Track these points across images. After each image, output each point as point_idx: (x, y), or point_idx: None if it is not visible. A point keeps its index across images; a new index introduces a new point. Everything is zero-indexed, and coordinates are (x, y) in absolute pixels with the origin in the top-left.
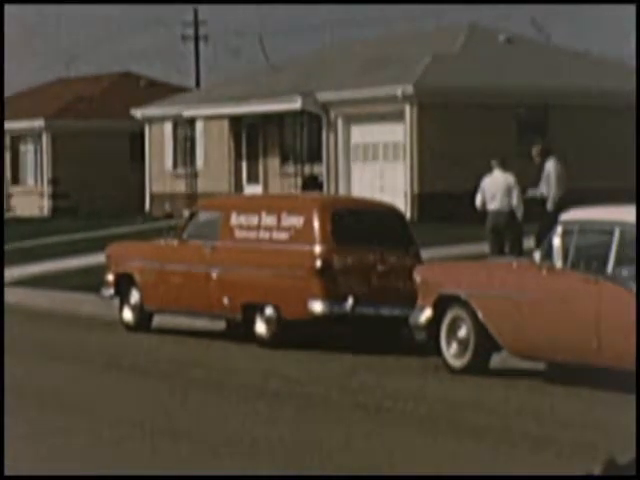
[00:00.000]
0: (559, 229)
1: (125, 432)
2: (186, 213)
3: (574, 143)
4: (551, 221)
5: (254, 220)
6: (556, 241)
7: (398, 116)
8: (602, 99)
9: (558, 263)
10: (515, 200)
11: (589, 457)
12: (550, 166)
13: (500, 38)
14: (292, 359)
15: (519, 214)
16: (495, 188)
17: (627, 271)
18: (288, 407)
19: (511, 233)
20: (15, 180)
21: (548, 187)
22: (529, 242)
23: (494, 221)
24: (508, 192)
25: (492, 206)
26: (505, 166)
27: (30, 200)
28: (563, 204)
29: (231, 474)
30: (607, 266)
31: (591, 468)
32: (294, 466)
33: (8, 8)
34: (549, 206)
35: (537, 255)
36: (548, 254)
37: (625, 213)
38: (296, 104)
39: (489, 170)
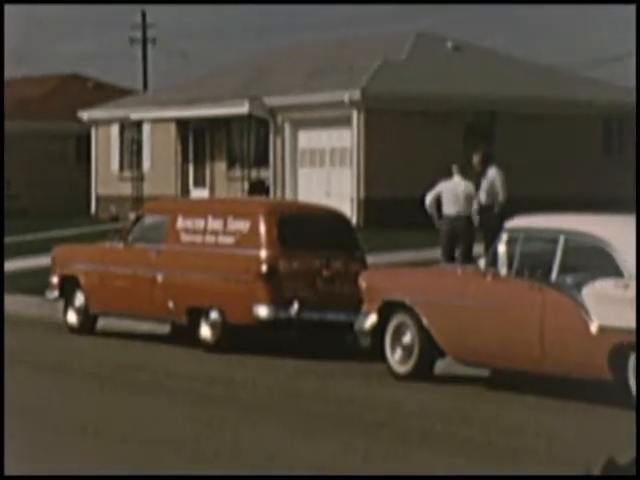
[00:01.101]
0: (504, 236)
1: (67, 435)
2: (132, 216)
3: (521, 151)
4: (498, 227)
5: (200, 224)
6: (501, 248)
7: (345, 122)
8: (549, 107)
9: (503, 270)
10: (475, 207)
11: (530, 463)
12: (493, 173)
13: (448, 45)
14: (236, 364)
15: (476, 221)
16: (455, 193)
17: (571, 279)
18: (231, 411)
19: (466, 239)
20: None
21: (492, 194)
22: (479, 250)
23: (451, 226)
24: (468, 198)
25: (451, 211)
26: (465, 172)
27: None
28: (505, 212)
29: (173, 474)
30: (551, 274)
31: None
32: (235, 470)
33: None
34: (497, 211)
35: (482, 262)
36: (493, 261)
37: (569, 221)
38: (243, 108)
39: (438, 175)
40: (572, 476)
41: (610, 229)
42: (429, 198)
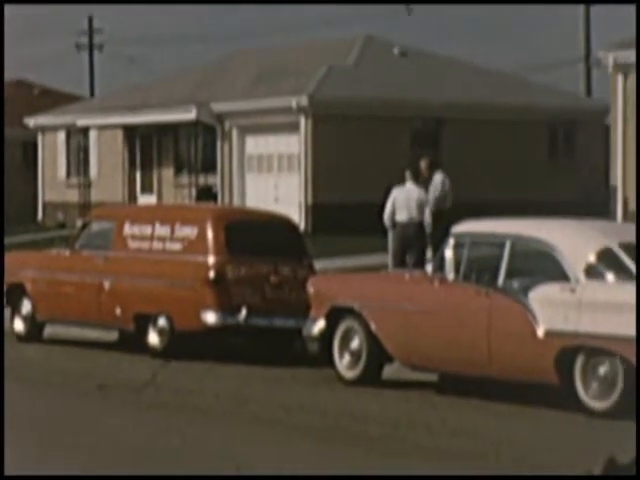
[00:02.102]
0: (451, 241)
1: (14, 443)
2: (79, 223)
3: (467, 156)
4: (445, 233)
5: (148, 230)
6: (448, 253)
7: (293, 127)
8: (495, 113)
9: (450, 275)
10: (427, 213)
11: (479, 467)
12: (439, 178)
13: (395, 51)
14: (184, 370)
15: (428, 228)
16: (408, 199)
17: (518, 283)
18: (180, 418)
19: (417, 245)
20: None
21: (439, 200)
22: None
23: (403, 232)
24: (420, 204)
25: (402, 217)
26: (417, 178)
27: None
28: (452, 217)
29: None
30: (498, 278)
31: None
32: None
33: None
34: (443, 216)
35: (429, 267)
36: (440, 266)
37: (516, 226)
38: (191, 114)
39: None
40: (572, 476)
41: (556, 233)
42: (388, 210)
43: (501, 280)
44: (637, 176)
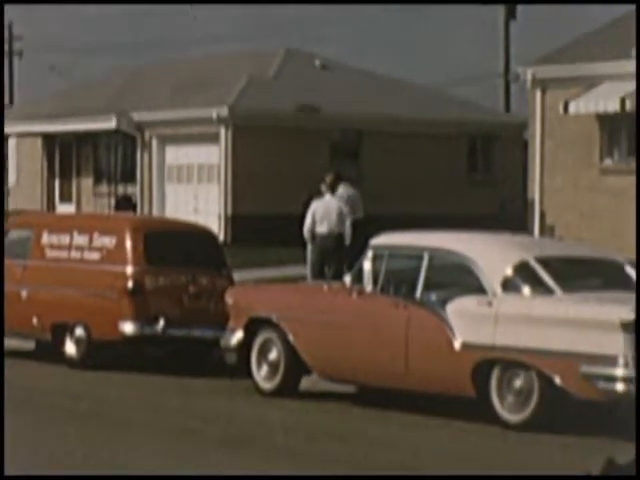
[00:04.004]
0: (369, 253)
1: None
2: None
3: (387, 169)
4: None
5: (66, 239)
6: (366, 265)
7: (213, 138)
8: (415, 126)
9: (368, 287)
10: (347, 224)
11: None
12: (343, 191)
13: (316, 63)
14: (102, 380)
15: (348, 240)
16: (326, 211)
17: (435, 296)
18: (96, 428)
19: (336, 257)
20: None
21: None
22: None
23: (322, 244)
24: (339, 216)
25: (322, 229)
26: (334, 190)
27: None
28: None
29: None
30: (416, 291)
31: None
32: None
33: None
34: (349, 230)
35: (348, 278)
36: (358, 278)
37: (434, 239)
38: (110, 123)
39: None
40: (572, 476)
41: (473, 246)
42: (308, 222)
43: (419, 292)
44: (637, 177)
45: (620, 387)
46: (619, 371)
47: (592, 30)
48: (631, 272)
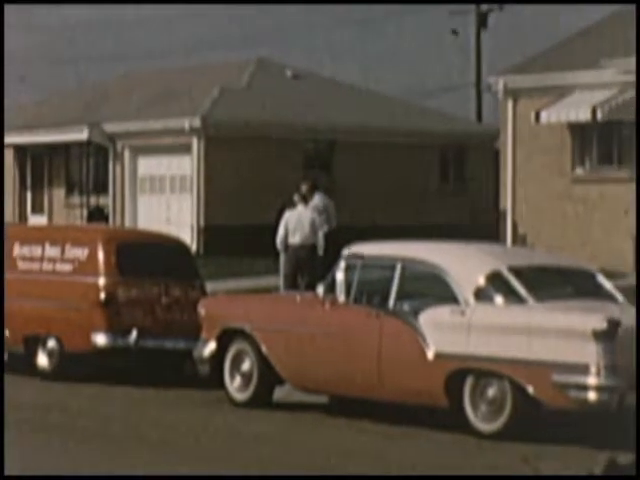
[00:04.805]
0: (342, 264)
1: None
2: None
3: (359, 179)
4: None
5: (38, 251)
6: (339, 275)
7: (185, 149)
8: (388, 136)
9: (341, 297)
10: (320, 235)
11: None
12: (317, 200)
13: (288, 73)
14: (74, 392)
15: (321, 250)
16: (299, 222)
17: (408, 306)
18: (69, 440)
19: (310, 268)
20: None
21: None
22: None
23: (296, 254)
24: (312, 227)
25: (294, 239)
26: (306, 201)
27: None
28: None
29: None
30: (389, 301)
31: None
32: None
33: None
34: (322, 240)
35: (320, 289)
36: (331, 288)
37: (406, 249)
38: (82, 134)
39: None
40: (573, 476)
41: (446, 256)
42: (281, 232)
43: (392, 302)
44: (637, 179)
45: (592, 396)
46: (591, 380)
47: (563, 39)
48: (603, 281)
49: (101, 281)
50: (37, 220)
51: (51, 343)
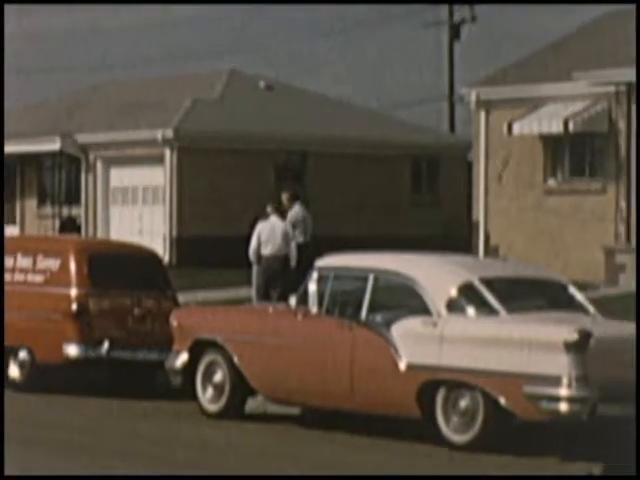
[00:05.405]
0: (314, 275)
1: None
2: None
3: (332, 191)
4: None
5: (9, 262)
6: (312, 287)
7: (158, 160)
8: (360, 148)
9: (313, 309)
10: (293, 246)
11: None
12: (296, 211)
13: (260, 84)
14: (46, 403)
15: (293, 261)
16: (272, 233)
17: (380, 317)
18: (40, 453)
19: (282, 279)
20: None
21: (301, 232)
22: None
23: (268, 265)
24: (285, 238)
25: (268, 251)
26: (280, 212)
27: None
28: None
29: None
30: (361, 312)
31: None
32: None
33: None
34: (295, 251)
35: (293, 300)
36: (304, 299)
37: (379, 260)
38: (55, 145)
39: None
40: (573, 476)
41: (418, 268)
42: (253, 244)
43: (364, 314)
44: (637, 180)
45: (564, 407)
46: (563, 391)
47: (536, 51)
48: (574, 292)
49: (73, 292)
50: (9, 231)
51: (23, 354)
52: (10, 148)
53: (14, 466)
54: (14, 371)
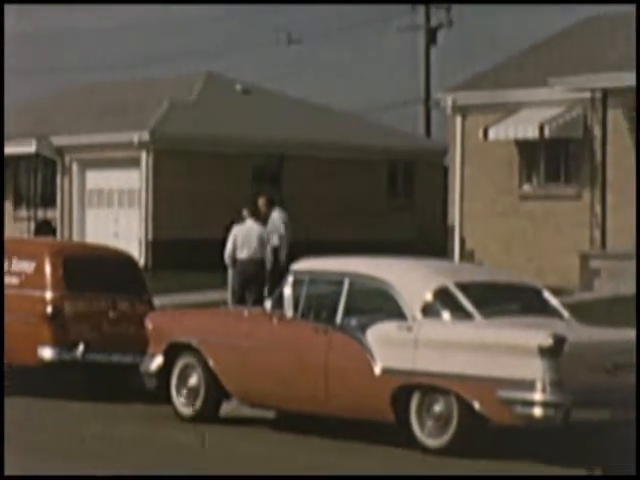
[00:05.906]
0: (290, 279)
1: None
2: None
3: (308, 194)
4: (283, 269)
5: None
6: (287, 290)
7: (134, 162)
8: (337, 151)
9: (289, 312)
10: (268, 249)
11: None
12: (276, 216)
13: (237, 88)
14: (21, 406)
15: (269, 264)
16: (248, 237)
17: (356, 321)
18: (16, 455)
19: (258, 282)
20: None
21: (278, 237)
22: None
23: (244, 269)
24: (260, 241)
25: (243, 254)
26: (256, 215)
27: None
28: (290, 254)
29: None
30: (336, 316)
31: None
32: None
33: None
34: (282, 253)
35: (268, 304)
36: (279, 303)
37: (354, 264)
38: (30, 148)
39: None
40: (573, 476)
41: (393, 272)
42: (229, 247)
43: (339, 318)
44: (637, 189)
45: (538, 412)
46: (537, 396)
47: (512, 57)
48: (548, 297)
49: (48, 295)
50: None
51: None
52: None
53: None
54: None
